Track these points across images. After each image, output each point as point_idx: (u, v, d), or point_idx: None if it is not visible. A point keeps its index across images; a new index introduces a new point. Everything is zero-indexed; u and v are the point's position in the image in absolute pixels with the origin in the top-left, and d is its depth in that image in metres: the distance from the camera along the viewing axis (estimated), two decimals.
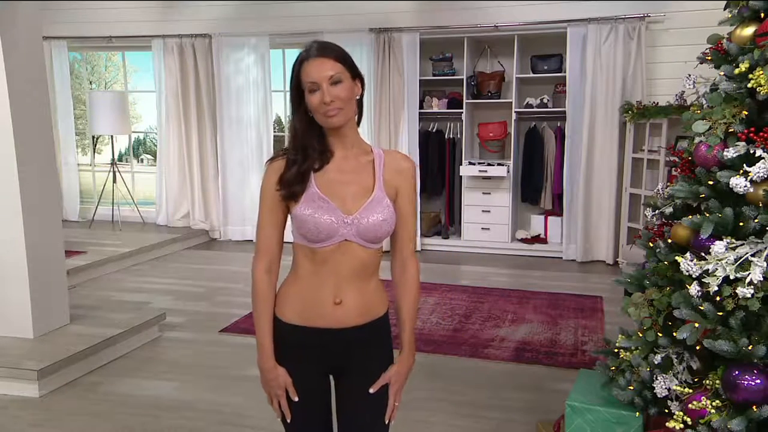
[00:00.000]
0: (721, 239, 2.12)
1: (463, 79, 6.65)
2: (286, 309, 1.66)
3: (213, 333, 4.40)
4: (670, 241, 2.43)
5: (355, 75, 1.59)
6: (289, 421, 1.68)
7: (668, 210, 2.53)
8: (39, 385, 3.39)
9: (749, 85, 2.15)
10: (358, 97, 1.62)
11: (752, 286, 2.01)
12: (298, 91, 1.59)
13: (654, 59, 6.08)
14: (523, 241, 6.73)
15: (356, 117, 1.65)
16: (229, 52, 7.14)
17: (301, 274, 1.64)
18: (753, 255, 2.04)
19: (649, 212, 2.62)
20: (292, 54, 7.56)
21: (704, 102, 2.39)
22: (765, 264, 2.01)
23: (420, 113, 6.80)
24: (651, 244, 2.56)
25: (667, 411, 2.32)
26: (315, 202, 1.58)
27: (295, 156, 1.60)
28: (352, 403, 1.70)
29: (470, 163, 6.71)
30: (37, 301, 3.77)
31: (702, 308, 2.12)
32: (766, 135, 2.11)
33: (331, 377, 1.73)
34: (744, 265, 2.04)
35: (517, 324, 4.54)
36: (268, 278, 1.66)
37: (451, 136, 6.94)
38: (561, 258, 6.53)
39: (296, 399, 1.65)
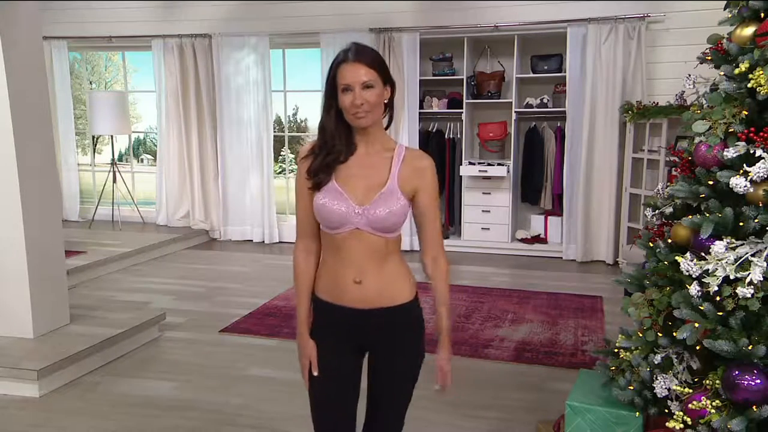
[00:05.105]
0: (721, 239, 2.12)
1: (463, 79, 6.64)
2: (320, 287, 1.84)
3: (213, 333, 4.39)
4: (670, 241, 2.43)
5: (387, 81, 1.73)
6: (307, 388, 1.84)
7: (668, 210, 2.53)
8: (39, 385, 3.39)
9: (749, 85, 2.15)
10: (386, 101, 1.75)
11: (752, 286, 2.01)
12: (332, 89, 1.73)
13: (654, 59, 6.07)
14: (523, 241, 6.73)
15: (387, 118, 1.80)
16: (229, 52, 7.14)
17: (326, 256, 1.83)
18: (753, 255, 2.04)
19: (649, 212, 2.62)
20: (292, 54, 7.56)
21: (704, 102, 2.39)
22: (765, 264, 2.01)
23: (420, 113, 6.80)
24: (651, 244, 2.56)
25: (667, 411, 2.32)
26: (331, 192, 1.74)
27: (320, 149, 1.76)
28: (375, 383, 1.85)
29: (470, 163, 6.71)
30: (37, 301, 3.76)
31: (702, 308, 2.12)
32: (766, 135, 2.11)
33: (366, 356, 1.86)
34: (744, 265, 2.04)
35: (517, 324, 4.54)
36: (304, 257, 1.85)
37: (451, 136, 6.94)
38: (561, 258, 6.52)
39: (316, 373, 1.81)
